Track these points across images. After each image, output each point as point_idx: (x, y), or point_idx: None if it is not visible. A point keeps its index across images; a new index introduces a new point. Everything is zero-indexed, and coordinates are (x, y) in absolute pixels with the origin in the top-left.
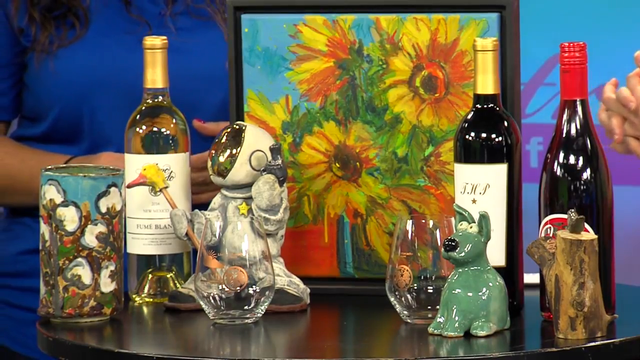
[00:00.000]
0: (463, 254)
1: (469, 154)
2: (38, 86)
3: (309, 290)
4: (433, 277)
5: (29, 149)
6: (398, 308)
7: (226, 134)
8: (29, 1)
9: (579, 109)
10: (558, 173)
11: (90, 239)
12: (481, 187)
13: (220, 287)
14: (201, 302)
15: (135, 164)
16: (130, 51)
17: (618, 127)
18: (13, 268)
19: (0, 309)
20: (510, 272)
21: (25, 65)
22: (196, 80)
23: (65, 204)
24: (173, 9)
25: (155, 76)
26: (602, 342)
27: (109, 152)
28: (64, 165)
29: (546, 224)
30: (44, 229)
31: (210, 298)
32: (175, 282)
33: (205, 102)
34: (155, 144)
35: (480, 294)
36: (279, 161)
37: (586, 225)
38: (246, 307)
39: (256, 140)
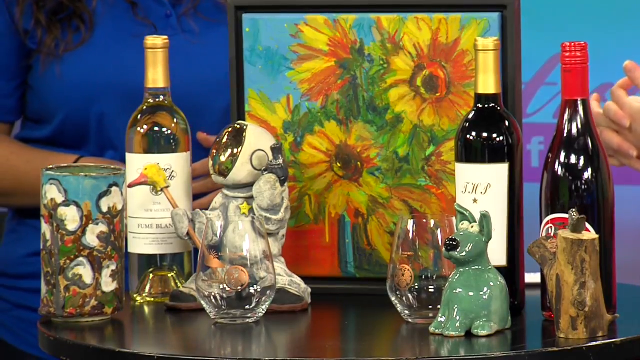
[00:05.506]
0: (464, 253)
1: (470, 153)
2: (44, 89)
3: (310, 290)
4: (434, 277)
5: (35, 149)
6: (399, 308)
7: (227, 133)
8: (34, 4)
9: (580, 108)
10: (559, 173)
11: (91, 238)
12: (482, 187)
13: (221, 286)
14: (202, 302)
15: (136, 163)
16: (137, 54)
17: (621, 141)
18: (20, 270)
19: (8, 310)
20: (512, 271)
21: (30, 67)
22: (202, 84)
23: (66, 203)
24: (179, 9)
25: (156, 76)
26: (603, 341)
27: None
28: (65, 164)
29: (547, 223)
30: (45, 228)
31: (212, 298)
32: (177, 281)
33: (211, 107)
34: (156, 144)
35: (481, 293)
36: (280, 161)
37: (587, 225)
38: (247, 307)
39: (257, 139)
